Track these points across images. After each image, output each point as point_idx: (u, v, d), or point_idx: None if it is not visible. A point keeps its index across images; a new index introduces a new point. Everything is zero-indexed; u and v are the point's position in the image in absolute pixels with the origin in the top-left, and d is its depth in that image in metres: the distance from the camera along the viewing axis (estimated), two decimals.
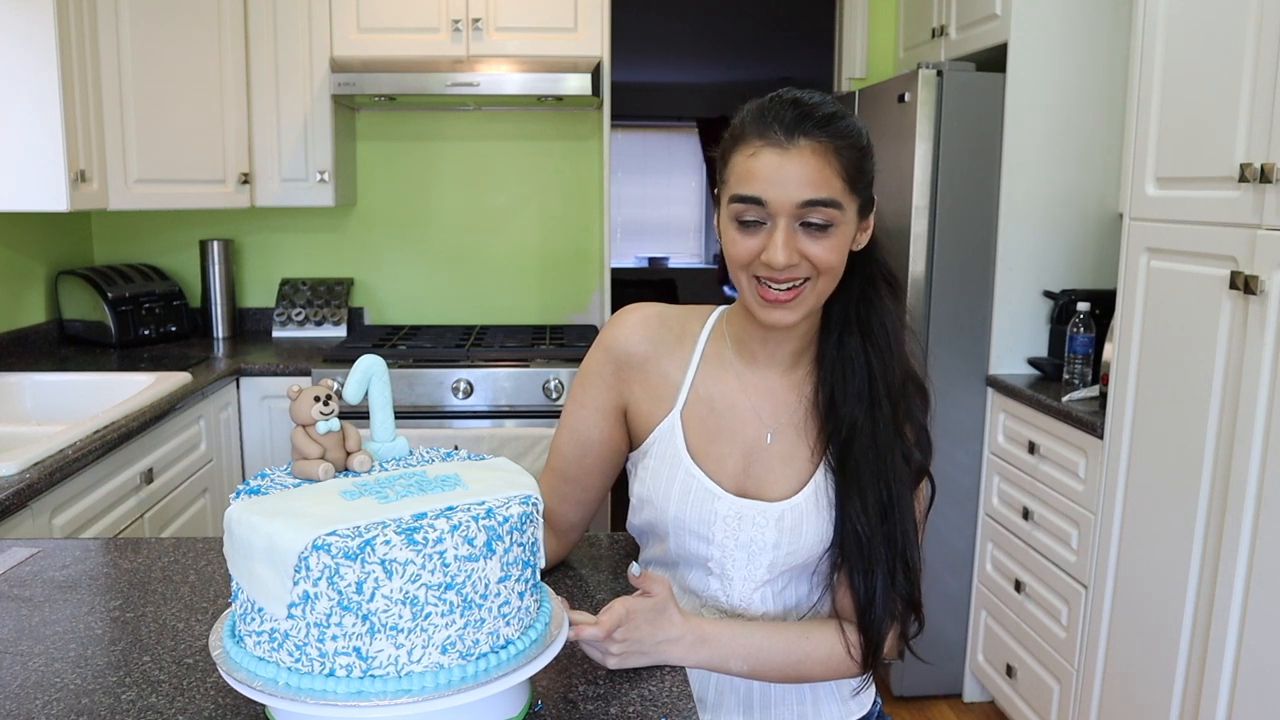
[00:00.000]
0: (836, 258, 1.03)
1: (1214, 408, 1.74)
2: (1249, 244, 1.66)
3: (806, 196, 0.99)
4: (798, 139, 0.99)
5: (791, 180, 0.99)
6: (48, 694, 0.93)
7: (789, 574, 1.13)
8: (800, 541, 1.10)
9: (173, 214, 3.26)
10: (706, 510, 1.11)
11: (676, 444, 1.13)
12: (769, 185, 0.99)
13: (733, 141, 1.04)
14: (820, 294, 1.05)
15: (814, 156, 0.99)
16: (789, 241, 1.00)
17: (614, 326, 1.18)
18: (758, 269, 1.03)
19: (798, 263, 1.01)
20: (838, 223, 1.02)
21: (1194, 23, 1.82)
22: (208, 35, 2.82)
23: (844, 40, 3.52)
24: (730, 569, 1.13)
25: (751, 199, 1.00)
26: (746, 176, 1.01)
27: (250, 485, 0.88)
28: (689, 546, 1.14)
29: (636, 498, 1.18)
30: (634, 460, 1.20)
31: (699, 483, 1.12)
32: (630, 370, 1.16)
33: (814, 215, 1.00)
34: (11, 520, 1.60)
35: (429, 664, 0.79)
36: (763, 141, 1.00)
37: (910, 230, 2.60)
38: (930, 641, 2.78)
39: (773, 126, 1.00)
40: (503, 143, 3.37)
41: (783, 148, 0.99)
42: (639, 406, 1.17)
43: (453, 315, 3.44)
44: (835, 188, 1.00)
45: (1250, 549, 1.65)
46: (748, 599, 1.14)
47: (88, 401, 2.39)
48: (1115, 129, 2.55)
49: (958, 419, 2.66)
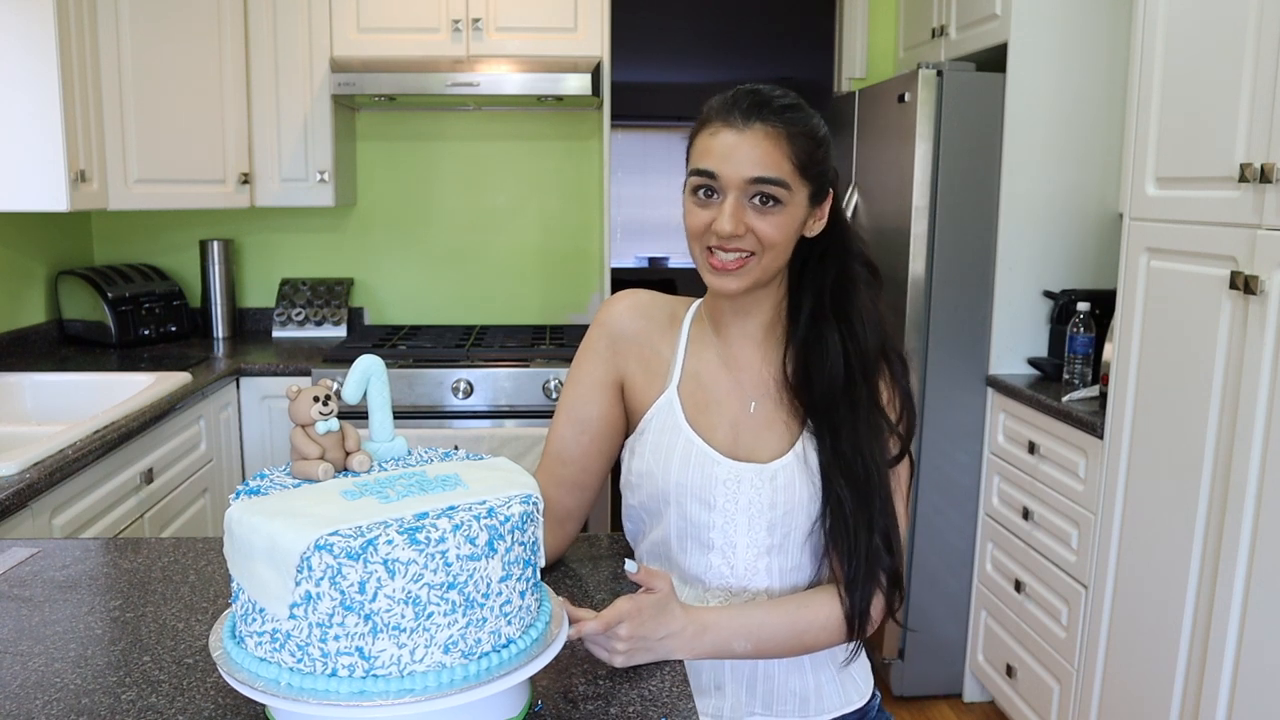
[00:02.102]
0: (780, 235, 1.10)
1: (1214, 408, 1.74)
2: (1249, 244, 1.66)
3: (755, 174, 1.08)
4: (753, 122, 1.09)
5: (744, 159, 1.08)
6: (48, 694, 0.93)
7: (791, 539, 1.16)
8: (795, 498, 1.15)
9: (173, 214, 3.26)
10: (707, 474, 1.16)
11: (676, 416, 1.19)
12: (723, 161, 1.09)
13: (698, 126, 1.14)
14: (765, 268, 1.12)
15: (766, 140, 1.09)
16: (736, 213, 1.09)
17: (609, 305, 1.27)
18: (709, 239, 1.11)
19: (743, 234, 1.09)
20: (785, 202, 1.10)
21: (1194, 23, 1.82)
22: (208, 35, 2.82)
23: (844, 40, 3.52)
24: (734, 535, 1.16)
25: (706, 172, 1.10)
26: (704, 153, 1.11)
27: (250, 485, 0.88)
28: (691, 514, 1.17)
29: (635, 474, 1.21)
30: (630, 444, 1.23)
31: (698, 448, 1.17)
32: (626, 343, 1.24)
33: (762, 192, 1.09)
34: (11, 520, 1.60)
35: (431, 663, 0.79)
36: (722, 123, 1.10)
37: (910, 230, 2.60)
38: (930, 641, 2.78)
39: (733, 111, 1.10)
40: (503, 143, 3.37)
41: (739, 129, 1.09)
42: (635, 380, 1.23)
43: (453, 315, 3.44)
44: (785, 170, 1.09)
45: (1250, 549, 1.65)
46: (752, 568, 1.17)
47: (88, 401, 2.39)
48: (1115, 129, 2.55)
49: (958, 419, 2.66)
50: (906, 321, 2.63)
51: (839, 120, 3.21)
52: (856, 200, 3.03)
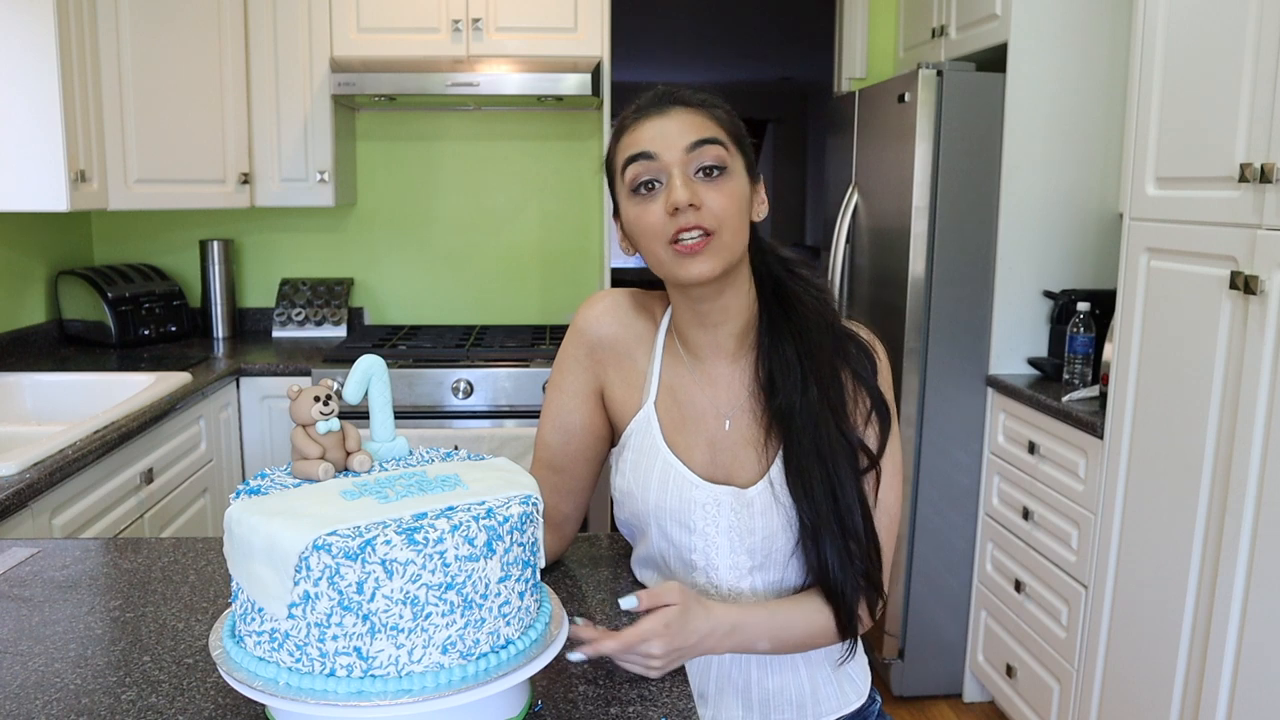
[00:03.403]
0: (735, 206, 1.06)
1: (1214, 408, 1.74)
2: (1249, 244, 1.66)
3: (692, 138, 1.05)
4: (672, 106, 1.08)
5: (675, 131, 1.06)
6: (48, 694, 0.93)
7: (773, 559, 1.14)
8: (774, 522, 1.12)
9: (173, 214, 3.26)
10: (685, 498, 1.14)
11: (653, 434, 1.16)
12: (654, 141, 1.06)
13: (617, 134, 1.11)
14: (728, 246, 1.07)
15: (689, 113, 1.07)
16: (687, 183, 1.05)
17: (585, 310, 1.23)
18: (668, 227, 1.05)
19: (700, 204, 1.04)
20: (728, 167, 1.06)
21: (1194, 23, 1.82)
22: (208, 35, 2.82)
23: (844, 40, 3.52)
24: (715, 557, 1.15)
25: (641, 154, 1.06)
26: (633, 144, 1.07)
27: (250, 485, 0.88)
28: (672, 536, 1.15)
29: (619, 491, 1.20)
30: (614, 456, 1.22)
31: (676, 471, 1.14)
32: (603, 352, 1.21)
33: (704, 157, 1.05)
34: (11, 520, 1.60)
35: (429, 664, 0.79)
36: (641, 116, 1.08)
37: (910, 230, 2.60)
38: (930, 641, 2.78)
39: (648, 105, 1.09)
40: (503, 143, 3.37)
41: (661, 113, 1.07)
42: (614, 392, 1.20)
43: (453, 315, 3.44)
44: (719, 134, 1.07)
45: (1250, 549, 1.65)
46: (735, 587, 1.16)
47: (88, 401, 2.39)
48: (1115, 129, 2.55)
49: (958, 419, 2.66)
50: (906, 321, 2.63)
51: (839, 120, 3.21)
52: (856, 200, 3.03)
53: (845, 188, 3.10)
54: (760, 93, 8.45)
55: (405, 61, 2.86)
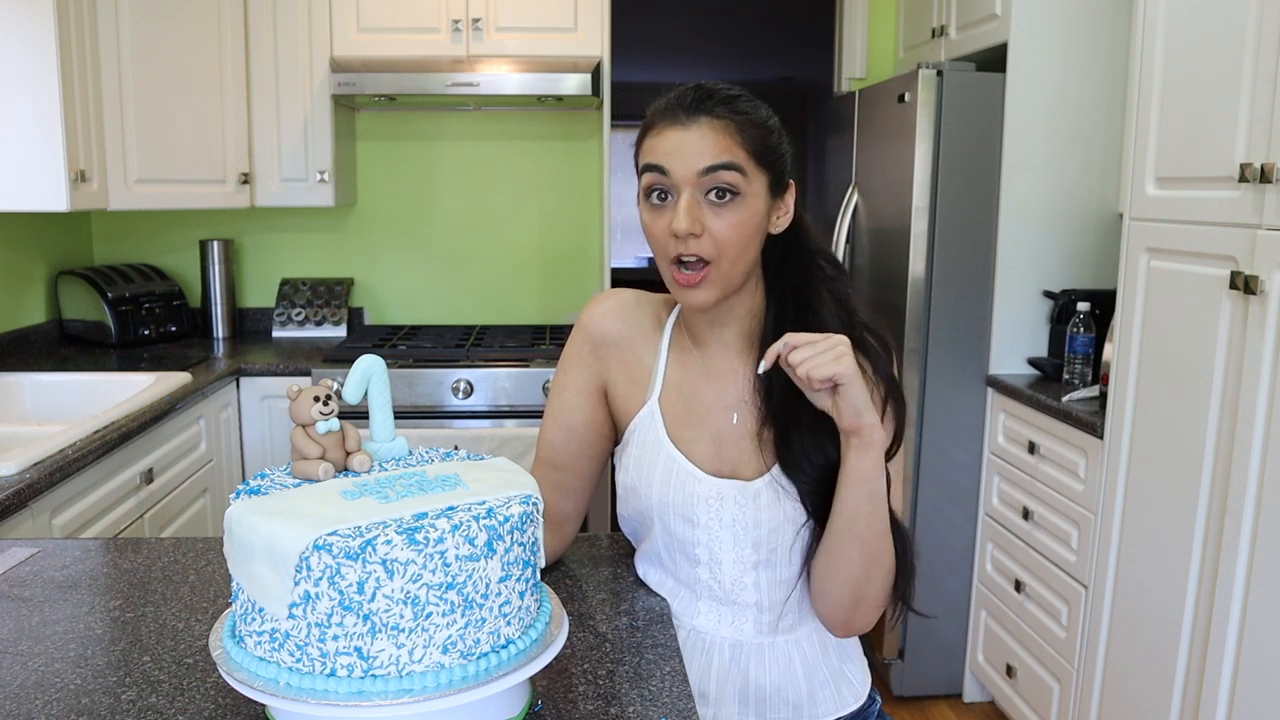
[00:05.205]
0: (738, 235, 1.06)
1: (1214, 408, 1.74)
2: (1249, 244, 1.66)
3: (706, 163, 1.04)
4: (698, 116, 1.05)
5: (692, 151, 1.04)
6: (48, 694, 0.93)
7: (778, 553, 1.14)
8: (780, 515, 1.12)
9: (173, 214, 3.26)
10: (689, 492, 1.14)
11: (657, 430, 1.17)
12: (670, 156, 1.05)
13: (643, 131, 1.10)
14: (726, 275, 1.07)
15: (713, 131, 1.05)
16: (691, 209, 1.04)
17: (590, 308, 1.23)
18: (672, 249, 1.06)
19: (700, 233, 1.04)
20: (742, 192, 1.05)
21: (1194, 23, 1.82)
22: (207, 35, 2.82)
23: (844, 40, 3.52)
24: (718, 551, 1.15)
25: (655, 167, 1.06)
26: (651, 152, 1.07)
27: (250, 485, 0.88)
28: (675, 531, 1.16)
29: (622, 487, 1.20)
30: (618, 454, 1.22)
31: (680, 465, 1.15)
32: (607, 349, 1.21)
33: (716, 182, 1.04)
34: (11, 520, 1.60)
35: (430, 664, 0.79)
36: (666, 121, 1.07)
37: (910, 230, 2.60)
38: (930, 641, 2.78)
39: (676, 109, 1.07)
40: (503, 143, 3.37)
41: (684, 124, 1.05)
42: (617, 389, 1.21)
43: (453, 315, 3.44)
44: (738, 156, 1.05)
45: (1250, 549, 1.65)
46: (739, 582, 1.16)
47: (88, 401, 2.39)
48: (1115, 129, 2.55)
49: (958, 419, 2.66)
50: (906, 321, 2.63)
51: (839, 120, 3.21)
52: (856, 200, 3.03)
53: (845, 188, 3.10)
54: (760, 93, 8.30)
55: (405, 61, 2.86)
